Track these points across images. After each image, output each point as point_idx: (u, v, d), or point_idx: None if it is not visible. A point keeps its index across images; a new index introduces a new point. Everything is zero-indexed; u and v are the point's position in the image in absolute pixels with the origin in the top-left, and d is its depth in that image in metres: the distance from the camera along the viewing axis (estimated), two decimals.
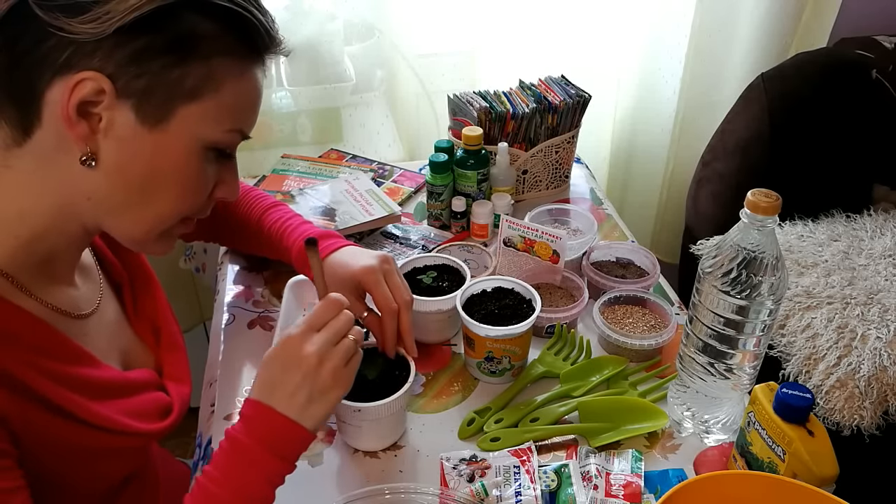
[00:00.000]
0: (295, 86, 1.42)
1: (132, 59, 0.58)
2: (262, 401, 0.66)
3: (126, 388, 0.72)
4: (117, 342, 0.77)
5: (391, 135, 1.54)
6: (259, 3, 0.65)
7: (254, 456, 0.64)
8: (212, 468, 0.65)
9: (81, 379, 0.66)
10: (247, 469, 0.64)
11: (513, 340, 0.90)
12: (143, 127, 0.60)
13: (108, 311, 0.78)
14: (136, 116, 0.60)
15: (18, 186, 0.62)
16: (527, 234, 1.04)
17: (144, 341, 0.82)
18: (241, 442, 0.65)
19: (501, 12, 1.48)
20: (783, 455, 0.70)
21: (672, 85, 1.62)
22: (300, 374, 0.66)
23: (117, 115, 0.59)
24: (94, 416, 0.66)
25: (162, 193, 0.65)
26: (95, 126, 0.59)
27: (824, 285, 1.30)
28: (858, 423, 1.12)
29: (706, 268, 0.77)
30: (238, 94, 0.65)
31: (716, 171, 1.55)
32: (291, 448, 0.67)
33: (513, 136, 1.27)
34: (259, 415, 0.66)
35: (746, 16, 1.56)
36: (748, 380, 0.82)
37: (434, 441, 0.86)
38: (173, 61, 0.59)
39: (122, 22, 0.55)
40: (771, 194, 0.72)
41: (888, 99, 1.55)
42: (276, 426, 0.65)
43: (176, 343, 0.84)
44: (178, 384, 0.81)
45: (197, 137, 0.63)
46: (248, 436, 0.65)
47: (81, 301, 0.73)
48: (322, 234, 0.93)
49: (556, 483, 0.79)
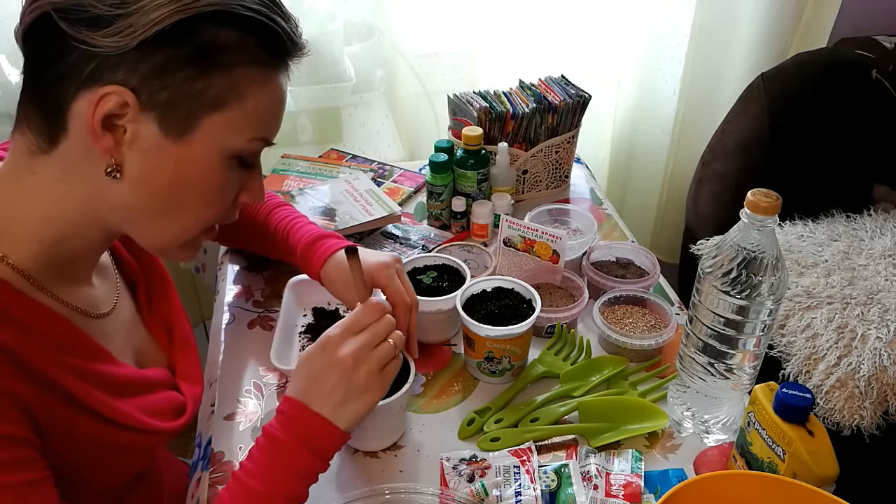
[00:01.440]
0: (295, 86, 1.42)
1: (155, 72, 0.58)
2: (298, 398, 0.68)
3: (143, 386, 0.73)
4: (132, 341, 0.78)
5: (391, 135, 1.54)
6: (282, 9, 0.64)
7: (288, 451, 0.66)
8: (248, 462, 0.67)
9: (101, 375, 0.67)
10: (281, 463, 0.66)
11: (513, 340, 0.90)
12: (167, 139, 0.61)
13: (124, 310, 0.78)
14: (160, 128, 0.60)
15: (44, 193, 0.63)
16: (527, 234, 1.04)
17: (158, 340, 0.83)
18: (276, 437, 0.67)
19: (501, 12, 1.48)
20: (783, 455, 0.70)
21: (672, 85, 1.62)
22: (336, 375, 0.68)
23: (142, 127, 0.60)
24: (114, 412, 0.67)
25: (186, 204, 0.65)
26: (120, 138, 0.60)
27: (824, 285, 1.30)
28: (858, 423, 1.12)
29: (706, 268, 0.77)
30: (262, 102, 0.64)
31: (716, 171, 1.55)
32: (325, 445, 0.68)
33: (513, 136, 1.27)
34: (294, 411, 0.68)
35: (746, 16, 1.56)
36: (748, 380, 0.82)
37: (434, 441, 0.86)
38: (196, 73, 0.59)
39: (144, 35, 0.56)
40: (771, 194, 0.72)
41: (888, 99, 1.56)
42: (310, 423, 0.67)
43: (188, 343, 0.85)
44: (191, 384, 0.82)
45: (221, 147, 0.63)
46: (283, 432, 0.67)
47: (99, 301, 0.74)
48: (328, 234, 0.94)
49: (556, 483, 0.79)
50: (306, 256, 0.93)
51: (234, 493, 0.66)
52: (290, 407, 0.68)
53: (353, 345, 0.69)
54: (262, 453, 0.67)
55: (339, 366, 0.68)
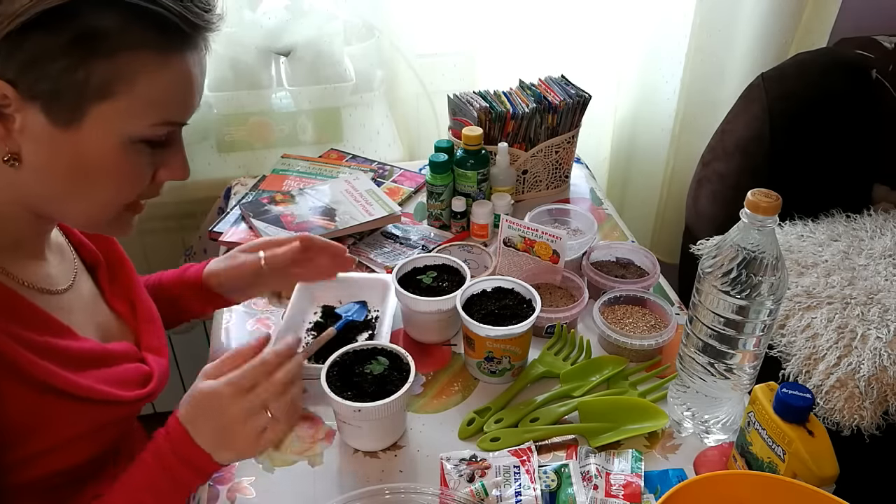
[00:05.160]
0: (295, 86, 1.42)
1: (30, 64, 0.56)
2: (186, 426, 0.68)
3: (105, 359, 0.73)
4: (94, 318, 0.78)
5: (391, 135, 1.54)
6: None
7: (174, 467, 0.68)
8: (126, 477, 0.68)
9: (58, 350, 0.67)
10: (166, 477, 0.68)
11: (513, 340, 0.90)
12: (55, 128, 0.60)
13: (84, 288, 0.78)
14: (48, 118, 0.59)
15: None
16: (527, 234, 1.04)
17: (122, 316, 0.82)
18: (162, 453, 0.68)
19: (501, 12, 1.48)
20: (783, 455, 0.70)
21: (672, 85, 1.62)
22: (223, 424, 0.69)
23: (28, 117, 0.59)
24: (73, 385, 0.66)
25: (96, 187, 0.64)
26: (10, 126, 0.59)
27: (824, 285, 1.30)
28: (858, 423, 1.12)
29: (706, 268, 0.77)
30: (159, 87, 0.62)
31: (716, 171, 1.55)
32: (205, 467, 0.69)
33: (513, 136, 1.27)
34: (178, 436, 0.69)
35: (746, 16, 1.56)
36: (748, 380, 0.82)
37: (434, 441, 0.86)
38: (75, 62, 0.57)
39: (11, 27, 0.54)
40: (771, 194, 0.72)
41: (888, 99, 1.55)
42: (191, 450, 0.68)
43: (152, 315, 0.85)
44: (157, 356, 0.81)
45: (118, 134, 0.62)
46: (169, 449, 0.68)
47: (55, 278, 0.73)
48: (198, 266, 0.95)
49: (556, 483, 0.79)
50: (182, 280, 0.93)
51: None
52: (177, 430, 0.69)
53: (244, 404, 0.69)
54: (147, 468, 0.68)
55: (228, 419, 0.68)
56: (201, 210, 1.47)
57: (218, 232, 1.21)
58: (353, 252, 1.18)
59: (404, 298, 0.97)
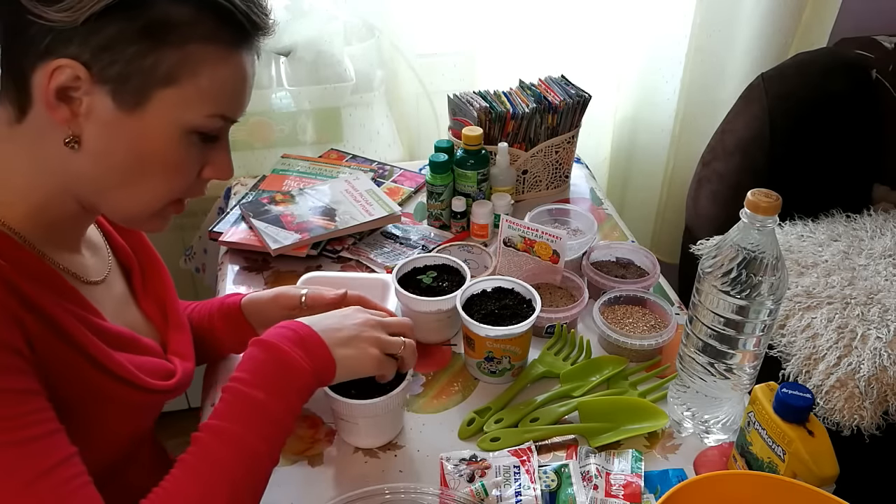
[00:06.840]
0: (295, 86, 1.42)
1: (106, 47, 0.59)
2: (309, 324, 0.74)
3: (135, 347, 0.74)
4: (123, 316, 0.78)
5: (391, 135, 1.54)
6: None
7: (291, 360, 0.70)
8: (244, 374, 0.69)
9: (96, 325, 0.68)
10: (282, 372, 0.69)
11: (513, 340, 0.90)
12: (121, 111, 0.62)
13: (116, 286, 0.79)
14: (114, 101, 0.61)
15: (21, 161, 0.65)
16: (527, 234, 1.04)
17: (152, 320, 0.83)
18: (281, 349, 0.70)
19: (501, 12, 1.48)
20: (783, 455, 0.70)
21: (672, 85, 1.62)
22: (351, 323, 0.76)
23: (96, 100, 0.61)
24: (109, 359, 0.67)
25: (147, 176, 0.66)
26: (77, 110, 0.61)
27: (824, 285, 1.30)
28: (858, 423, 1.12)
29: (706, 268, 0.77)
30: (218, 79, 0.64)
31: (716, 171, 1.55)
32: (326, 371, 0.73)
33: (513, 136, 1.27)
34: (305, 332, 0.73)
35: (746, 16, 1.56)
36: (748, 380, 0.82)
37: (434, 441, 0.86)
38: (147, 48, 0.60)
39: (92, 10, 0.57)
40: (771, 194, 0.72)
41: (888, 99, 1.55)
42: (316, 346, 0.72)
43: (182, 324, 0.85)
44: (183, 360, 0.81)
45: (176, 122, 0.64)
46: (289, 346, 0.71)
47: (90, 269, 0.75)
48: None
49: (556, 483, 0.79)
50: (247, 307, 0.92)
51: (230, 403, 0.67)
52: (300, 327, 0.73)
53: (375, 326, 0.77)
54: (263, 365, 0.69)
55: (355, 323, 0.76)
56: (201, 210, 1.47)
57: (218, 232, 1.21)
58: (353, 252, 1.19)
59: (404, 298, 0.97)
